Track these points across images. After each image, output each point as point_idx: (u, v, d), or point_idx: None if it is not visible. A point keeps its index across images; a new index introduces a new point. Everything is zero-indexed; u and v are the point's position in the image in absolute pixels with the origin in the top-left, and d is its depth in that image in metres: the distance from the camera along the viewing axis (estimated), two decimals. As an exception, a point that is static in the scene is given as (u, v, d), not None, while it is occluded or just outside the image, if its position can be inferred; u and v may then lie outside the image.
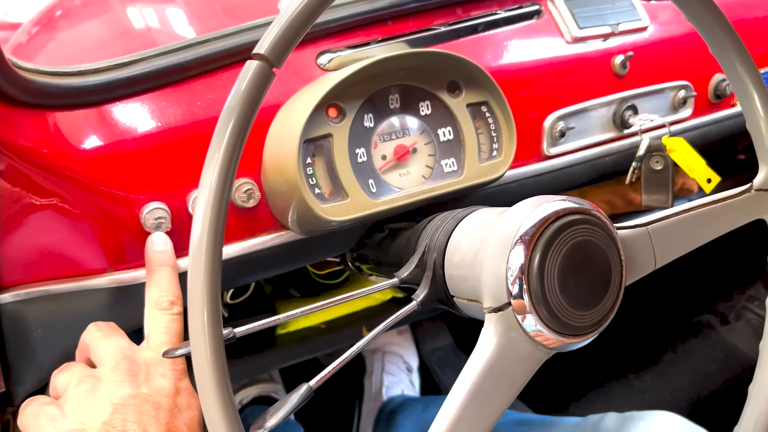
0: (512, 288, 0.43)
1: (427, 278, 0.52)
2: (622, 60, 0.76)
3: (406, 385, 1.20)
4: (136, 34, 0.76)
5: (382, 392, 1.18)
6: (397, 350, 1.25)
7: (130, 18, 0.77)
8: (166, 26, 0.77)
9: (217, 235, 0.37)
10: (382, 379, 1.20)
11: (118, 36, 0.76)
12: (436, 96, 0.63)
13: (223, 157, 0.37)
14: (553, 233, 0.43)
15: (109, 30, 0.78)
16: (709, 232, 0.52)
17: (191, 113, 0.56)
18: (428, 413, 0.97)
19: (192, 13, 0.79)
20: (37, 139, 0.50)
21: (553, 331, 0.43)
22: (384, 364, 1.23)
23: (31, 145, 0.49)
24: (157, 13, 0.78)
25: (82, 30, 0.80)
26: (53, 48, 0.76)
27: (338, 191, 0.59)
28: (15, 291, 0.58)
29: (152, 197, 0.55)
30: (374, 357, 1.24)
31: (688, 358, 1.36)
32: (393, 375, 1.21)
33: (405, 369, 1.24)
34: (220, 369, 0.37)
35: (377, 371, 1.23)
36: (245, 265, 0.61)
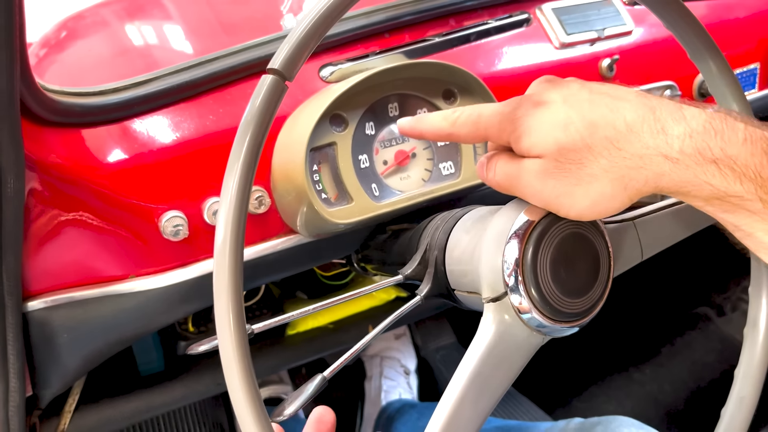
0: (508, 279, 0.46)
1: (430, 274, 0.56)
2: (609, 63, 0.79)
3: (404, 388, 1.23)
4: (139, 53, 0.79)
5: (381, 397, 1.21)
6: (395, 354, 1.28)
7: (132, 38, 0.81)
8: (170, 45, 0.80)
9: (239, 238, 0.41)
10: (381, 384, 1.23)
11: (121, 55, 0.80)
12: (433, 103, 0.67)
13: (243, 166, 0.40)
14: (544, 228, 0.47)
15: (114, 49, 0.81)
16: (692, 225, 0.56)
17: (204, 126, 0.60)
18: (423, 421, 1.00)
19: (191, 31, 0.82)
20: (65, 155, 0.54)
21: (547, 318, 0.47)
22: (383, 369, 1.26)
23: (60, 161, 0.53)
24: (160, 33, 0.81)
25: (88, 50, 0.84)
26: (61, 69, 0.80)
27: (343, 196, 0.63)
28: (42, 298, 0.61)
29: (170, 206, 0.58)
30: (373, 362, 1.27)
31: (686, 350, 1.39)
32: (391, 379, 1.24)
33: (403, 372, 1.26)
34: (245, 359, 0.41)
35: (376, 376, 1.26)
36: (258, 267, 0.64)
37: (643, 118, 0.41)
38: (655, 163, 0.41)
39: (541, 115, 0.44)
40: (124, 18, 0.83)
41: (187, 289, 0.62)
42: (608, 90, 0.44)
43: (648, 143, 0.41)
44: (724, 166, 0.39)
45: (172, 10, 0.84)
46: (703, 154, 0.39)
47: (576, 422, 0.75)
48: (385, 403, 1.18)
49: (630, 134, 0.41)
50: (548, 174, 0.44)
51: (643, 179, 0.41)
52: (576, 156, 0.42)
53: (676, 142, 0.40)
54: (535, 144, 0.44)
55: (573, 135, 0.42)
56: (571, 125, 0.43)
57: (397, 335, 1.31)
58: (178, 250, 0.61)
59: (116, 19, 0.85)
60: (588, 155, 0.42)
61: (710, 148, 0.39)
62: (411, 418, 1.04)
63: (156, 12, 0.85)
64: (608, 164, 0.42)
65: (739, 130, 0.39)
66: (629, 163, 0.41)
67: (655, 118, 0.41)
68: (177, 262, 0.62)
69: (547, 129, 0.43)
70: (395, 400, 1.18)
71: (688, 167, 0.40)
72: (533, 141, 0.44)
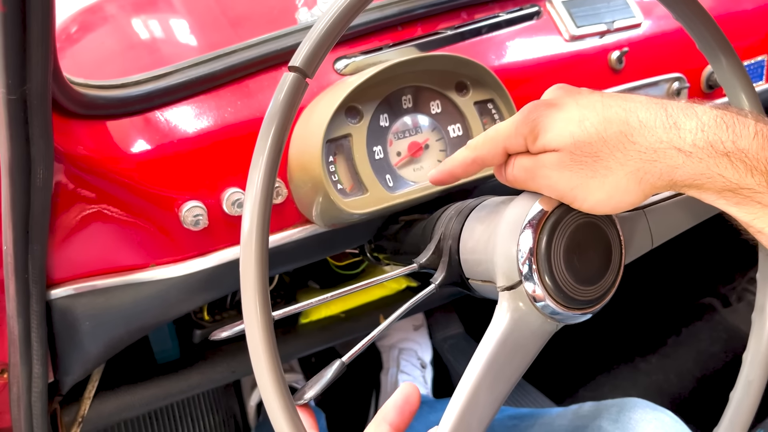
0: (523, 268, 0.47)
1: (444, 263, 0.57)
2: (618, 55, 0.80)
3: (420, 382, 1.25)
4: (151, 46, 0.80)
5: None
6: (412, 346, 1.29)
7: (144, 31, 0.82)
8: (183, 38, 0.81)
9: (264, 227, 0.42)
10: (397, 379, 1.24)
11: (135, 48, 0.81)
12: (446, 96, 0.68)
13: (267, 159, 0.42)
14: (558, 217, 0.48)
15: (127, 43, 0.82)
16: (701, 213, 0.57)
17: (222, 118, 0.61)
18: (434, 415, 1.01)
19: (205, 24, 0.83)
20: (91, 146, 0.55)
21: (561, 305, 0.48)
22: (399, 362, 1.27)
23: (87, 153, 0.55)
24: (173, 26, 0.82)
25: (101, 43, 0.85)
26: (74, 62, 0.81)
27: (358, 186, 0.64)
28: (66, 287, 0.63)
29: (190, 196, 0.60)
30: (390, 354, 1.28)
31: (692, 340, 1.40)
32: (407, 374, 1.25)
33: (419, 365, 1.28)
34: (270, 342, 0.42)
35: (393, 369, 1.27)
36: (274, 257, 0.65)
37: (656, 115, 0.43)
38: (668, 156, 0.42)
39: (556, 114, 0.46)
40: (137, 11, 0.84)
41: (206, 278, 0.63)
42: (619, 95, 0.46)
43: (661, 137, 0.42)
44: (736, 158, 0.40)
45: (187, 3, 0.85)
46: (715, 147, 0.41)
47: (589, 406, 0.76)
48: None
49: (643, 129, 0.43)
50: (564, 166, 0.45)
51: (658, 172, 0.43)
52: (591, 149, 0.44)
53: (688, 136, 0.41)
54: (551, 139, 0.45)
55: (588, 129, 0.44)
56: (585, 121, 0.44)
57: (415, 326, 1.32)
58: (198, 240, 0.62)
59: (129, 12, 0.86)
60: (603, 148, 0.44)
61: (722, 141, 0.41)
62: (423, 412, 1.04)
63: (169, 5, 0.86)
64: (623, 157, 0.43)
65: (749, 125, 0.41)
66: (644, 157, 0.43)
67: (667, 114, 0.43)
68: (196, 252, 0.63)
69: (563, 125, 0.45)
70: None
71: (701, 160, 0.41)
72: (549, 137, 0.45)
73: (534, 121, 0.46)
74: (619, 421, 0.70)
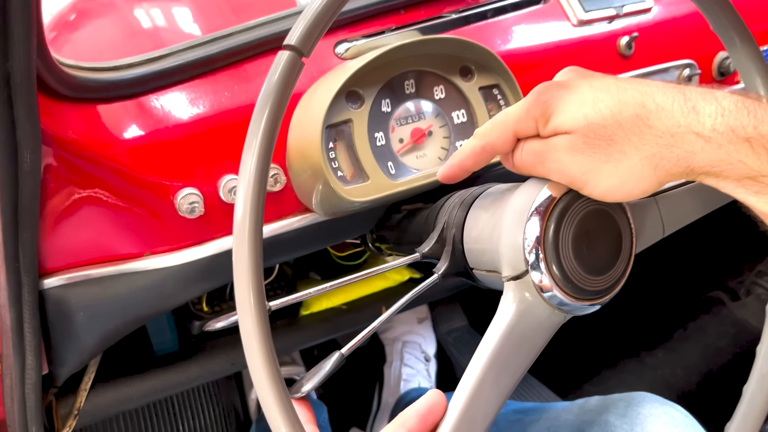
0: (529, 257, 0.46)
1: (447, 252, 0.55)
2: (628, 41, 0.78)
3: (423, 376, 1.23)
4: (151, 32, 0.79)
5: (400, 385, 1.21)
6: (416, 339, 1.28)
7: (144, 17, 0.80)
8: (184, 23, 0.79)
9: (258, 214, 0.40)
10: (401, 373, 1.23)
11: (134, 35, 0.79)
12: (450, 80, 0.66)
13: (261, 142, 0.40)
14: (566, 204, 0.46)
15: (127, 29, 0.81)
16: (713, 202, 0.55)
17: (219, 103, 0.60)
18: None
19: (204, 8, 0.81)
20: (81, 130, 0.53)
21: (569, 296, 0.46)
22: (403, 355, 1.26)
23: (76, 137, 0.53)
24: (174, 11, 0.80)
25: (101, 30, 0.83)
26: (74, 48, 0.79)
27: (359, 174, 0.62)
28: (59, 276, 0.61)
29: (185, 183, 0.58)
30: (394, 347, 1.27)
31: (699, 334, 1.38)
32: (411, 367, 1.24)
33: (423, 359, 1.26)
34: (264, 333, 0.40)
35: (396, 362, 1.26)
36: (273, 246, 0.64)
37: (673, 99, 0.41)
38: (686, 142, 0.40)
39: (569, 95, 0.44)
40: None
41: (203, 267, 0.62)
42: (633, 79, 0.44)
43: (679, 121, 0.40)
44: (758, 144, 0.39)
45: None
46: (736, 132, 0.39)
47: (595, 400, 0.75)
48: (403, 392, 1.19)
49: (660, 112, 0.41)
50: (576, 149, 0.43)
51: (675, 158, 0.41)
52: (605, 132, 0.42)
53: (708, 121, 0.40)
54: (563, 121, 0.43)
55: (602, 111, 0.42)
56: (600, 102, 0.42)
57: (419, 319, 1.31)
58: (194, 228, 0.61)
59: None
60: (618, 131, 0.42)
61: (743, 126, 0.39)
62: None
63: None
64: (639, 141, 0.41)
65: None
66: (660, 141, 0.41)
67: (685, 98, 0.41)
68: (192, 240, 0.61)
69: (575, 107, 0.43)
70: (413, 389, 1.19)
71: (720, 146, 0.39)
72: (561, 119, 0.43)
73: (546, 103, 0.44)
74: (626, 415, 0.68)
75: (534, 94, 0.46)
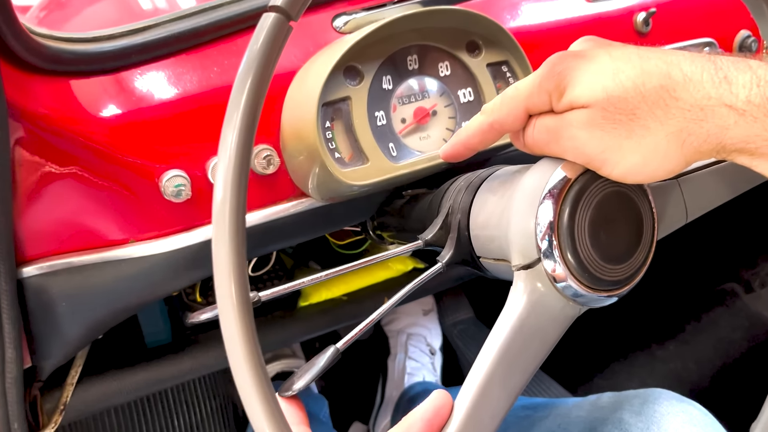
0: (542, 244, 0.42)
1: (452, 239, 0.52)
2: (645, 17, 0.74)
3: (428, 369, 1.20)
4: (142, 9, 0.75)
5: (404, 379, 1.18)
6: (421, 331, 1.24)
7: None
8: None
9: (240, 195, 0.36)
10: (405, 366, 1.20)
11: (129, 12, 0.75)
12: (456, 56, 0.62)
13: (243, 116, 0.36)
14: (583, 185, 0.42)
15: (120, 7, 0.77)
16: (739, 185, 0.51)
17: (207, 79, 0.56)
18: None
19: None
20: (53, 105, 0.49)
21: (585, 286, 0.42)
22: (407, 348, 1.22)
23: (47, 112, 0.49)
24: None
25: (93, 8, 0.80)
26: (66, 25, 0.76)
27: (358, 155, 0.58)
28: (38, 264, 0.58)
29: (171, 165, 0.54)
30: (398, 339, 1.24)
31: (711, 327, 1.35)
32: (415, 360, 1.21)
33: (428, 352, 1.23)
34: (248, 330, 0.37)
35: (401, 355, 1.23)
36: (266, 233, 0.60)
37: (703, 68, 0.37)
38: (718, 115, 0.36)
39: (586, 65, 0.40)
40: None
41: (192, 255, 0.58)
42: (656, 48, 0.40)
43: (710, 93, 0.36)
44: None
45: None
46: None
47: (608, 396, 0.71)
48: (407, 386, 1.15)
49: (688, 83, 0.37)
50: (595, 124, 0.39)
51: (704, 134, 0.37)
52: (627, 105, 0.38)
53: (741, 92, 0.35)
54: (580, 94, 0.39)
55: (624, 82, 0.38)
56: (620, 73, 0.38)
57: (425, 311, 1.27)
58: (181, 213, 0.57)
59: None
60: (641, 104, 0.38)
61: None
62: None
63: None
64: (664, 115, 0.37)
65: None
66: (688, 115, 0.37)
67: (716, 67, 0.37)
68: (180, 226, 0.57)
69: (594, 78, 0.39)
70: (417, 383, 1.15)
71: (756, 119, 0.35)
72: (578, 91, 0.39)
73: (561, 74, 0.40)
74: (642, 413, 0.64)
75: (547, 65, 0.42)
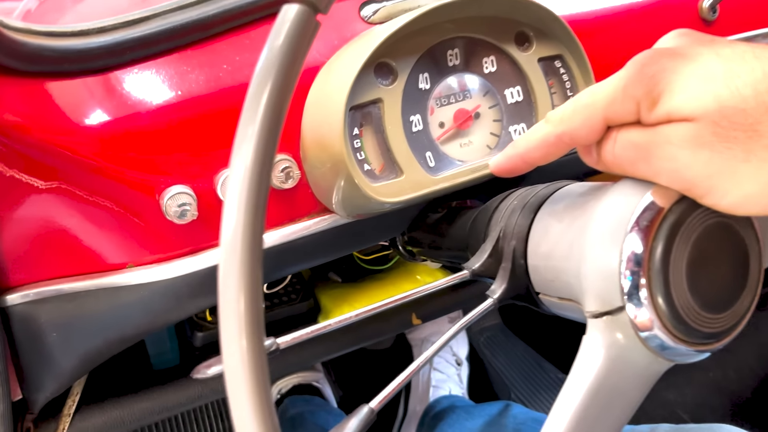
0: (627, 287, 0.34)
1: (505, 270, 0.44)
2: (711, 3, 0.66)
3: (454, 381, 1.12)
4: None
5: (429, 392, 1.10)
6: None
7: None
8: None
9: (256, 225, 0.28)
10: (430, 378, 1.12)
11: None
12: (503, 50, 0.54)
13: (263, 126, 0.28)
14: (679, 217, 0.34)
15: None
16: None
17: (216, 79, 0.48)
18: (471, 422, 0.90)
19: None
20: (28, 113, 0.41)
21: (676, 338, 0.34)
22: (432, 358, 1.15)
23: (21, 121, 0.41)
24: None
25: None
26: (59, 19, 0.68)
27: (391, 167, 0.50)
28: (23, 291, 0.51)
29: (174, 180, 0.46)
30: (422, 349, 1.16)
31: (753, 333, 1.28)
32: (441, 372, 1.14)
33: (454, 362, 1.15)
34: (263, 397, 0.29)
35: (425, 366, 1.15)
36: (284, 255, 0.52)
37: None
38: None
39: (689, 67, 0.31)
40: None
41: (198, 282, 0.50)
42: None
43: None
44: None
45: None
46: None
47: (666, 428, 0.63)
48: (433, 400, 1.08)
49: None
50: (702, 143, 0.31)
51: None
52: (746, 119, 0.29)
53: None
54: (682, 104, 0.31)
55: (741, 90, 0.29)
56: (735, 78, 0.30)
57: (451, 318, 1.19)
58: (185, 235, 0.49)
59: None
60: (764, 118, 0.29)
61: None
62: (459, 418, 0.93)
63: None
64: None
65: None
66: None
67: None
68: (184, 249, 0.50)
69: (700, 83, 0.31)
70: (443, 397, 1.07)
71: None
72: (679, 100, 0.31)
73: (654, 78, 0.32)
74: None
75: (635, 65, 0.33)
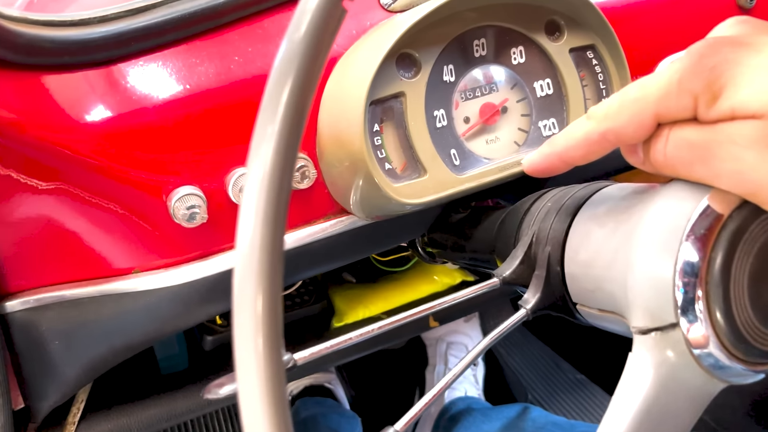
0: (681, 301, 0.30)
1: (539, 278, 0.40)
2: (749, -10, 0.62)
3: (470, 382, 1.09)
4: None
5: (444, 393, 1.07)
6: (462, 340, 1.13)
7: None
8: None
9: (276, 233, 0.25)
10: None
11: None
12: (532, 39, 0.50)
13: (284, 125, 0.24)
14: (741, 224, 0.30)
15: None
16: None
17: (227, 71, 0.44)
18: (488, 425, 0.87)
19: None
20: (24, 109, 0.38)
21: (734, 356, 0.31)
22: (447, 358, 1.11)
23: (17, 118, 0.38)
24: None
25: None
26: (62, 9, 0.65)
27: (413, 166, 0.47)
28: (24, 297, 0.48)
29: (182, 180, 0.43)
30: (437, 348, 1.13)
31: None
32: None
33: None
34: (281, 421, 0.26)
35: (440, 365, 1.12)
36: (299, 259, 0.49)
37: None
38: None
39: (754, 58, 0.28)
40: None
41: (208, 287, 0.47)
42: None
43: None
44: None
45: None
46: None
47: None
48: (448, 402, 1.04)
49: None
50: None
51: None
52: None
53: None
54: (749, 98, 0.27)
55: None
56: None
57: (466, 317, 1.16)
58: (195, 238, 0.46)
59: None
60: None
61: None
62: (476, 421, 0.90)
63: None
64: None
65: None
66: None
67: None
68: (194, 253, 0.47)
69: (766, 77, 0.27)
70: (459, 399, 1.04)
71: None
72: (746, 94, 0.27)
73: (715, 70, 0.28)
74: None
75: (691, 56, 0.30)
